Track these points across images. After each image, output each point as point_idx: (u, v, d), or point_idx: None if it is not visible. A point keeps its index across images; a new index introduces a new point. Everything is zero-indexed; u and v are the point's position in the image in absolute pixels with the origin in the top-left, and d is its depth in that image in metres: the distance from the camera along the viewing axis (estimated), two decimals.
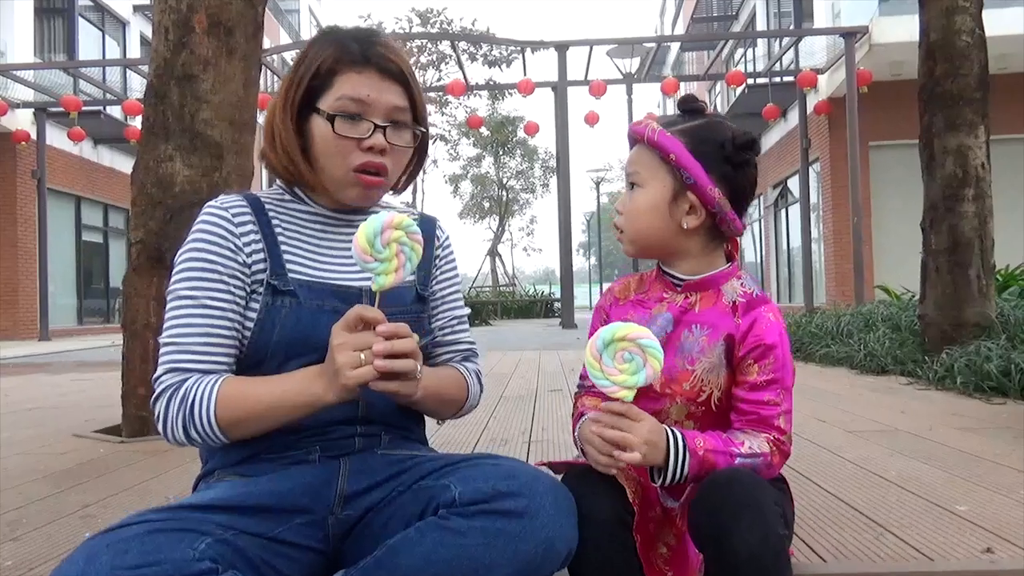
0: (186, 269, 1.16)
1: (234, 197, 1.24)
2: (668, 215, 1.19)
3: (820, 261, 17.37)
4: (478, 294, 22.55)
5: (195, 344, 1.12)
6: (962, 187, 4.41)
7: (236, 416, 1.09)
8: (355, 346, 1.01)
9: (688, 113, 1.23)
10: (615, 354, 1.07)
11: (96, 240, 18.47)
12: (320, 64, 1.18)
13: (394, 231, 1.06)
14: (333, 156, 1.18)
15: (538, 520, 1.01)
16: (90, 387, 5.00)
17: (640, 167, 1.21)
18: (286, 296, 1.18)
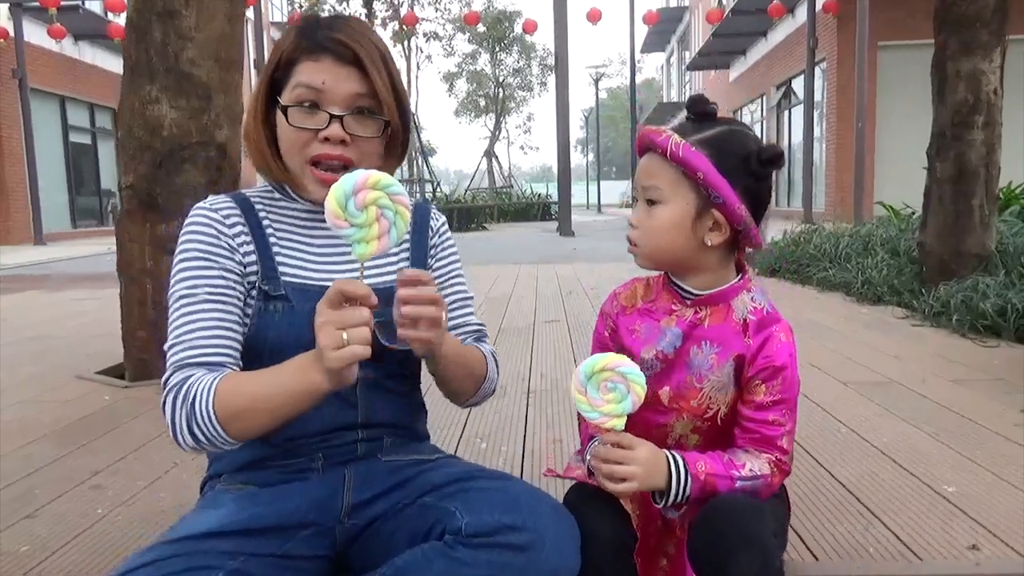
0: (182, 270, 1.14)
1: (222, 198, 1.21)
2: (691, 233, 1.14)
3: (821, 165, 17.16)
4: (474, 197, 22.33)
5: (198, 338, 1.10)
6: (972, 114, 4.29)
7: (235, 409, 1.03)
8: (338, 324, 0.93)
9: (699, 117, 1.17)
10: (599, 385, 1.07)
11: (84, 141, 18.09)
12: (281, 55, 1.14)
13: (370, 192, 0.95)
14: (290, 149, 1.15)
15: (542, 554, 1.04)
16: (90, 310, 5.01)
17: (660, 182, 1.14)
18: (278, 300, 1.16)
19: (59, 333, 4.12)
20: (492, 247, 11.54)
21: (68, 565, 1.42)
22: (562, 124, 12.91)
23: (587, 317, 4.25)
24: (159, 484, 1.83)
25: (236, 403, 1.03)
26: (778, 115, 20.45)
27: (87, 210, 18.41)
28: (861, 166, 13.00)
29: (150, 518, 1.62)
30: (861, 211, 12.35)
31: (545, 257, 9.07)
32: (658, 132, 1.14)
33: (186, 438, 1.05)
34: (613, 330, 1.27)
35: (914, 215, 6.54)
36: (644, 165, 1.18)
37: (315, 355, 0.98)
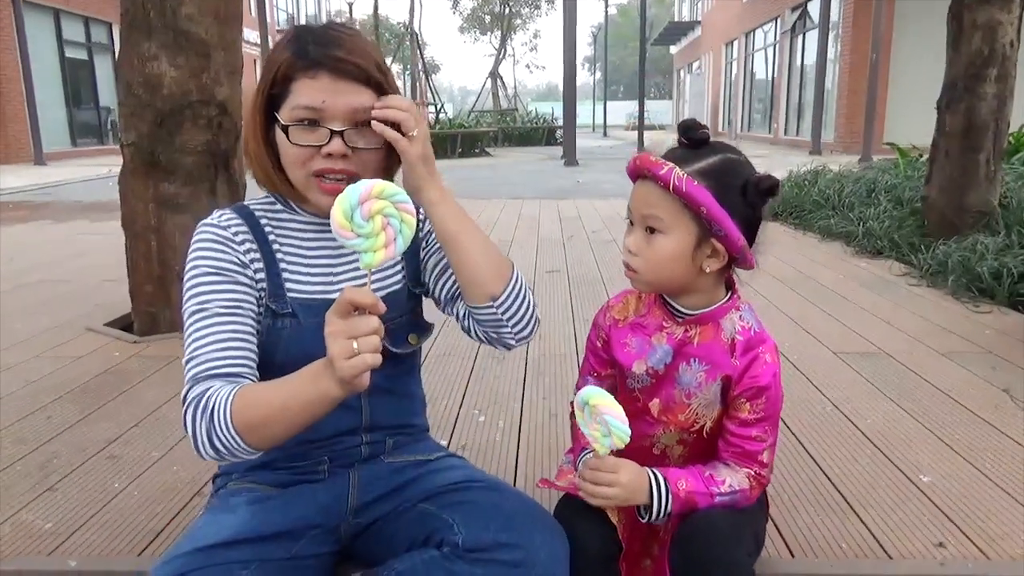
0: (194, 286, 1.16)
1: (229, 214, 1.23)
2: (691, 261, 1.17)
3: (833, 93, 16.81)
4: (478, 120, 21.97)
5: (213, 351, 1.12)
6: (986, 66, 4.21)
7: (253, 421, 1.05)
8: (348, 334, 0.93)
9: (693, 143, 1.18)
10: (590, 415, 1.12)
11: (80, 56, 17.73)
12: (276, 72, 1.14)
13: (376, 202, 0.96)
14: (294, 165, 1.17)
15: (534, 570, 1.11)
16: (94, 249, 5.06)
17: (662, 213, 1.15)
18: (285, 318, 1.20)
19: (65, 276, 4.18)
20: (495, 179, 11.47)
21: (88, 544, 1.52)
22: (569, 46, 12.59)
23: (587, 267, 4.30)
24: (172, 455, 1.92)
25: (253, 415, 1.05)
26: (791, 39, 19.87)
27: (87, 127, 18.21)
28: (873, 100, 12.74)
29: (165, 495, 1.71)
30: (870, 147, 12.18)
31: (548, 192, 9.04)
32: (659, 164, 1.15)
33: (208, 450, 1.07)
34: (605, 341, 1.32)
35: (921, 158, 6.48)
36: (643, 194, 1.18)
37: (326, 363, 0.98)
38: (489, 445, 1.96)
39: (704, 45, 31.24)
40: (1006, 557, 1.43)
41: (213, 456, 1.09)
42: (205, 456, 1.09)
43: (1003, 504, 1.62)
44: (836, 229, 5.11)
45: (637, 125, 19.48)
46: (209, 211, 3.04)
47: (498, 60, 26.18)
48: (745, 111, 25.35)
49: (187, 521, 1.60)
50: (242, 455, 1.08)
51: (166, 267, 2.94)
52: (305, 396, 1.02)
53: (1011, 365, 2.52)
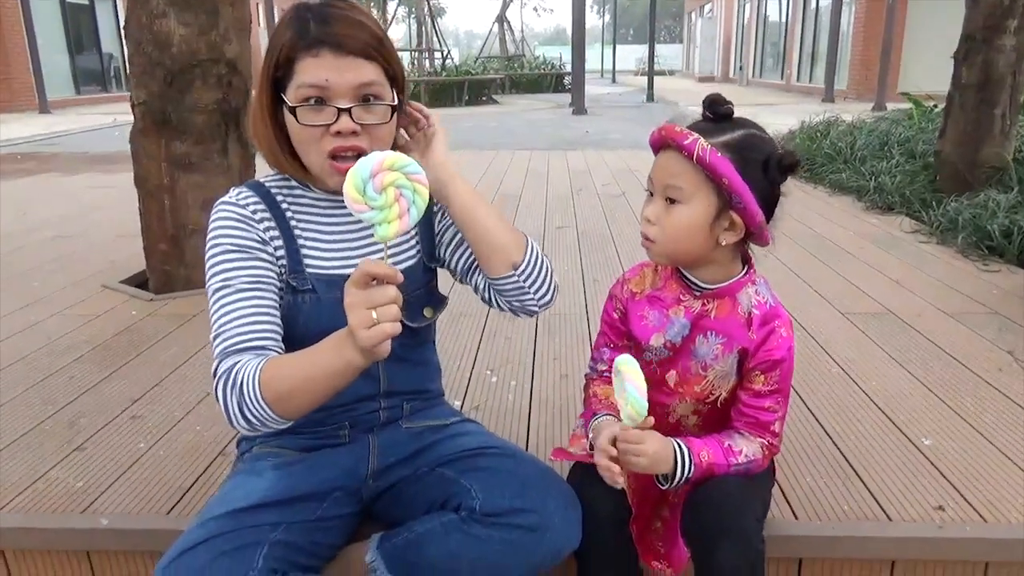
0: (216, 263, 1.19)
1: (246, 192, 1.25)
2: (708, 232, 1.19)
3: (847, 39, 16.43)
4: (485, 66, 21.62)
5: (239, 326, 1.15)
6: (1006, 17, 4.14)
7: (280, 391, 1.08)
8: (367, 304, 0.95)
9: (718, 118, 1.19)
10: (620, 382, 1.15)
11: (82, 1, 17.42)
12: (279, 53, 1.15)
13: (388, 173, 0.97)
14: (305, 145, 1.18)
15: (548, 534, 1.18)
16: (105, 203, 5.09)
17: (683, 183, 1.17)
18: (306, 293, 1.24)
19: (78, 232, 4.21)
20: (502, 129, 11.36)
21: (118, 502, 1.58)
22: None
23: (596, 223, 4.30)
24: (194, 415, 1.98)
25: (281, 386, 1.08)
26: None
27: (90, 74, 18.03)
28: (889, 45, 12.46)
29: (189, 454, 1.77)
30: (884, 95, 11.98)
31: (556, 142, 8.96)
32: (683, 135, 1.16)
33: (240, 422, 1.12)
34: (623, 314, 1.35)
35: (936, 108, 6.39)
36: (665, 163, 1.20)
37: (348, 333, 1.00)
38: (502, 406, 2.01)
39: None
40: (1004, 520, 1.48)
41: (245, 427, 1.13)
42: (238, 427, 1.14)
43: (1003, 468, 1.66)
44: (847, 183, 5.08)
45: (647, 70, 19.13)
46: (221, 170, 3.07)
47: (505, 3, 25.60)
48: (757, 56, 24.82)
49: (213, 480, 1.66)
50: (272, 425, 1.13)
51: (179, 226, 2.96)
52: (329, 366, 1.05)
53: (1017, 327, 2.54)
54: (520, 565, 1.18)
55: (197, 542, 1.12)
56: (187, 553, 1.10)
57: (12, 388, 2.15)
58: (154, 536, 1.49)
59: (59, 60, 16.40)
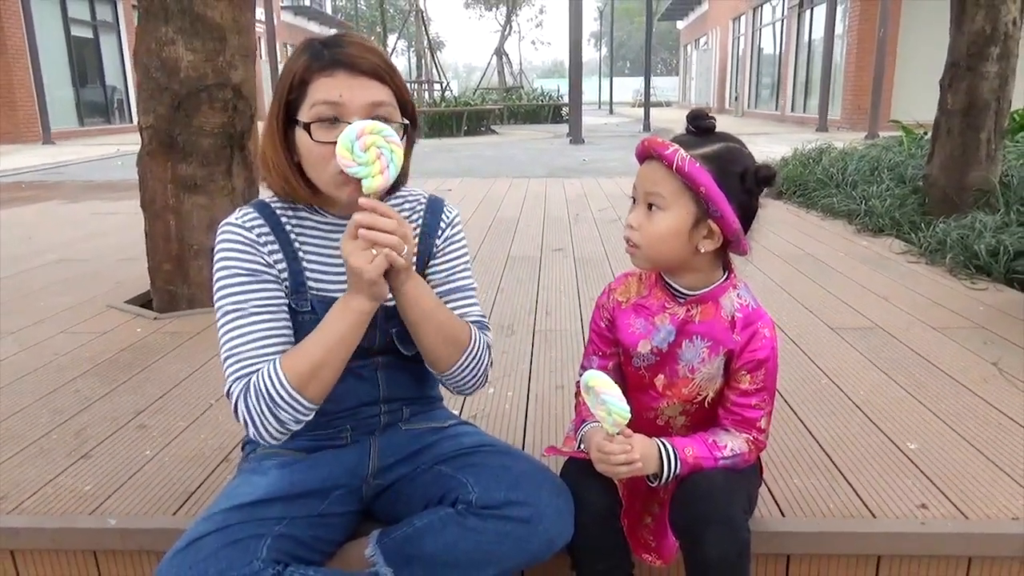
0: (225, 286, 1.24)
1: (251, 213, 1.28)
2: (687, 239, 1.25)
3: (840, 70, 16.71)
4: (484, 98, 21.92)
5: (252, 350, 1.21)
6: (988, 45, 4.25)
7: (307, 373, 1.16)
8: (363, 246, 1.10)
9: (700, 131, 1.26)
10: (595, 397, 1.20)
11: (86, 35, 17.74)
12: (293, 77, 1.20)
13: (369, 136, 1.12)
14: (318, 164, 1.21)
15: (541, 525, 1.22)
16: (110, 229, 5.16)
17: (663, 190, 1.23)
18: (305, 314, 1.29)
19: (84, 256, 4.28)
20: (501, 157, 11.50)
21: (128, 505, 1.63)
22: (575, 23, 12.55)
23: (592, 246, 4.38)
24: (198, 425, 2.03)
25: (304, 368, 1.17)
26: (799, 14, 19.72)
27: (94, 107, 18.26)
28: (880, 76, 12.69)
29: (194, 460, 1.82)
30: (876, 124, 12.16)
31: (554, 170, 9.09)
32: (665, 145, 1.23)
33: (270, 428, 1.19)
34: (610, 322, 1.41)
35: (925, 135, 6.52)
36: (648, 173, 1.27)
37: (346, 296, 1.16)
38: (499, 414, 2.06)
39: (711, 20, 30.96)
40: (984, 517, 1.53)
41: (277, 432, 1.20)
42: (268, 437, 1.20)
43: (985, 469, 1.71)
44: (839, 207, 5.17)
45: (644, 102, 19.40)
46: (226, 192, 3.14)
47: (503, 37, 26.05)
48: (752, 87, 25.19)
49: (217, 484, 1.71)
50: (303, 415, 1.20)
51: (184, 246, 3.03)
52: (342, 327, 1.17)
53: (1003, 340, 2.60)
54: (514, 556, 1.23)
55: (205, 533, 1.17)
56: (195, 543, 1.15)
57: (19, 401, 2.20)
58: (161, 536, 1.53)
59: (63, 92, 16.63)
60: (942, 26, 5.23)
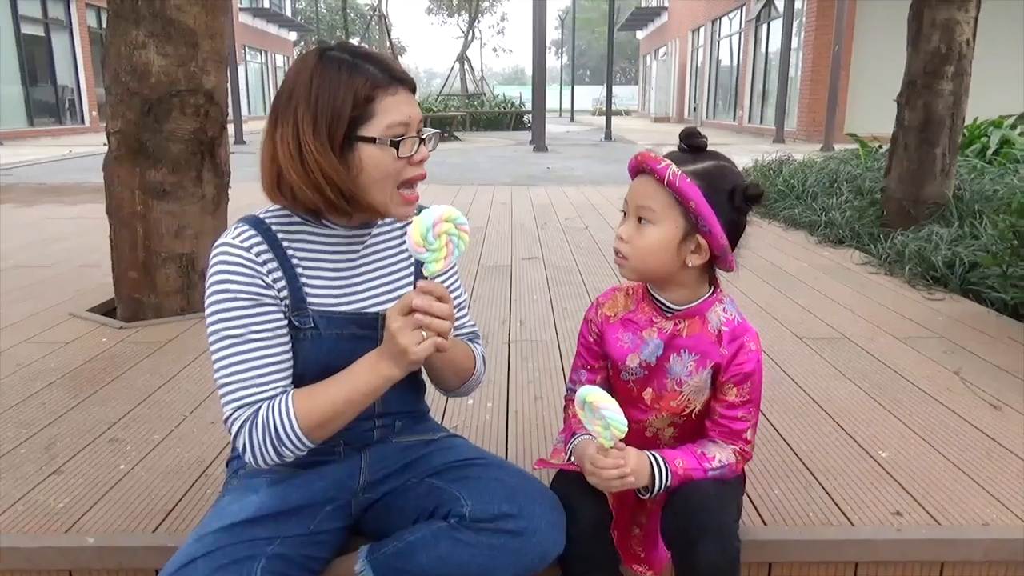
0: (224, 309, 1.20)
1: (247, 232, 1.24)
2: (675, 253, 1.27)
3: (796, 83, 17.12)
4: (446, 105, 21.90)
5: (253, 378, 1.20)
6: (944, 64, 4.41)
7: (319, 421, 1.19)
8: (413, 326, 1.12)
9: (692, 149, 1.29)
10: (592, 411, 1.21)
11: (37, 33, 17.25)
12: (356, 94, 1.18)
13: (444, 224, 1.14)
14: (387, 179, 1.22)
15: (535, 538, 1.23)
16: (68, 234, 5.02)
17: (654, 204, 1.25)
18: (307, 331, 1.27)
19: (42, 262, 4.16)
20: (465, 164, 11.51)
21: (105, 522, 1.59)
22: (538, 32, 12.63)
23: (562, 255, 4.41)
24: (173, 438, 1.99)
25: (319, 416, 1.19)
26: (756, 27, 20.15)
27: (44, 106, 17.77)
28: (835, 89, 13.03)
29: (171, 475, 1.79)
30: (832, 136, 12.48)
31: (519, 178, 9.12)
32: (657, 160, 1.25)
33: (268, 459, 1.20)
34: (599, 336, 1.42)
35: (881, 149, 6.72)
36: (639, 187, 1.29)
37: (381, 354, 1.18)
38: (480, 426, 2.06)
39: (671, 31, 31.45)
40: (956, 523, 1.58)
41: (273, 462, 1.21)
42: (263, 464, 1.21)
43: (953, 477, 1.77)
44: (800, 219, 5.30)
45: (604, 110, 19.59)
46: (195, 198, 3.09)
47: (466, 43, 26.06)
48: (710, 98, 25.64)
49: (197, 499, 1.67)
50: (303, 453, 1.21)
51: (152, 253, 2.97)
52: (367, 385, 1.19)
53: (962, 349, 2.70)
54: (507, 569, 1.23)
55: (195, 556, 1.15)
56: (185, 568, 1.13)
57: None
58: (141, 553, 1.50)
59: (12, 91, 16.15)
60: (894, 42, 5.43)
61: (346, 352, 1.27)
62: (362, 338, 1.30)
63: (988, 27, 5.28)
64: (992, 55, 8.62)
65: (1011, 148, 6.18)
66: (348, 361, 1.28)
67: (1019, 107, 7.27)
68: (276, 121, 1.21)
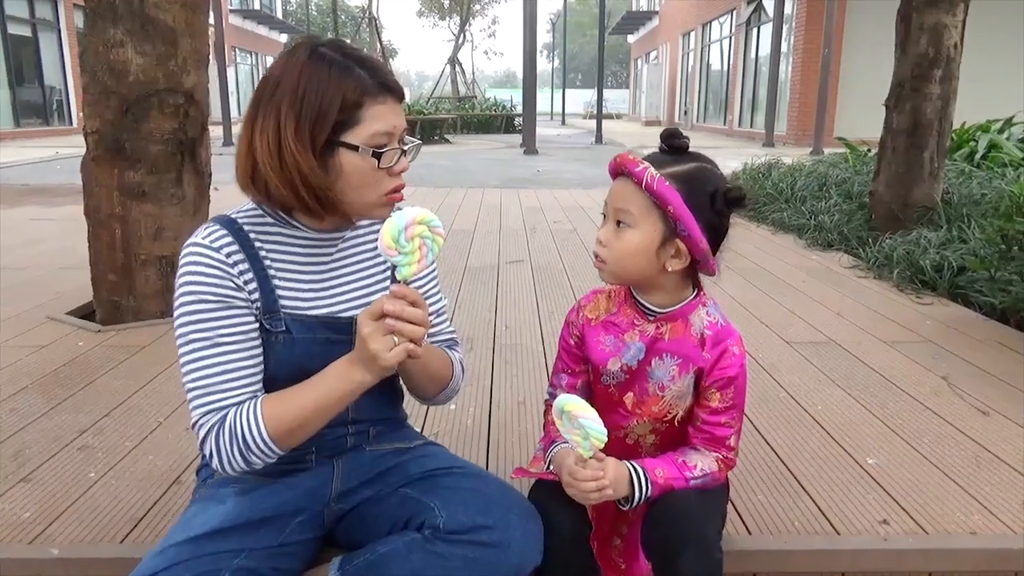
0: (192, 312, 1.16)
1: (218, 232, 1.20)
2: (654, 257, 1.23)
3: (786, 87, 17.16)
4: (437, 107, 21.86)
5: (221, 382, 1.16)
6: (932, 68, 4.40)
7: (288, 428, 1.15)
8: (384, 331, 1.07)
9: (673, 150, 1.25)
10: (570, 420, 1.17)
11: (24, 33, 17.12)
12: (343, 98, 1.14)
13: (417, 226, 1.11)
14: (369, 187, 1.19)
15: (510, 550, 1.19)
16: (49, 236, 4.96)
17: (632, 207, 1.22)
18: (279, 334, 1.23)
19: (22, 264, 4.09)
20: (455, 167, 11.47)
21: (71, 532, 1.54)
22: (529, 34, 12.62)
23: (550, 257, 4.38)
24: (147, 444, 1.94)
25: (289, 423, 1.15)
26: (747, 31, 20.20)
27: (31, 107, 17.64)
28: (824, 93, 13.07)
29: (143, 483, 1.74)
30: (821, 140, 12.51)
31: (509, 181, 9.09)
32: (635, 162, 1.21)
33: (236, 466, 1.16)
34: (579, 339, 1.39)
35: (869, 153, 6.72)
36: (618, 189, 1.25)
37: (352, 359, 1.13)
38: (461, 431, 2.02)
39: (661, 35, 31.52)
40: (943, 532, 1.55)
41: (241, 469, 1.17)
42: (231, 471, 1.17)
43: (941, 484, 1.75)
44: (789, 222, 5.28)
45: (595, 114, 19.60)
46: (175, 200, 3.04)
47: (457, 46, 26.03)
48: (701, 102, 25.69)
49: (168, 508, 1.63)
50: (272, 460, 1.18)
51: (131, 255, 2.92)
52: (339, 391, 1.15)
53: (950, 354, 2.68)
54: None
55: (156, 570, 1.10)
56: None
57: None
58: (107, 565, 1.46)
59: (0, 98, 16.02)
60: (883, 47, 5.43)
61: (319, 356, 1.24)
62: (336, 343, 1.26)
63: (976, 31, 5.29)
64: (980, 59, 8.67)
65: (999, 152, 6.19)
66: (321, 365, 1.24)
67: (1007, 111, 7.29)
68: (257, 112, 1.17)
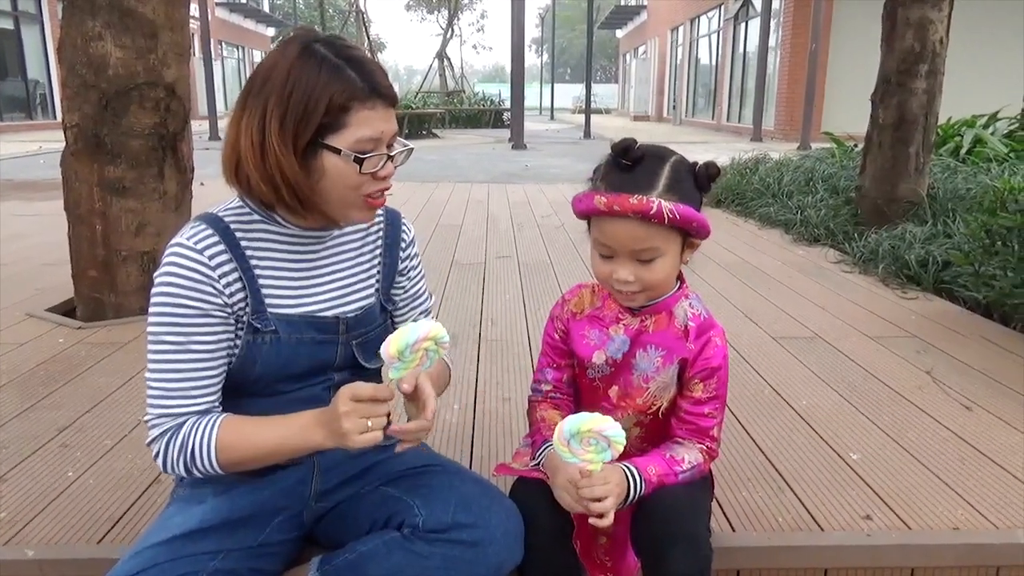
0: (168, 313, 1.14)
1: (204, 232, 1.17)
2: (679, 263, 1.28)
3: (773, 82, 17.21)
4: (425, 102, 21.77)
5: (185, 389, 1.15)
6: (917, 62, 4.41)
7: (237, 459, 1.16)
8: (362, 414, 1.07)
9: (633, 162, 1.20)
10: (581, 441, 1.14)
11: (6, 26, 16.91)
12: (330, 101, 1.11)
13: (425, 342, 1.10)
14: (347, 191, 1.17)
15: (491, 548, 1.18)
16: (30, 231, 4.90)
17: (657, 243, 1.20)
18: (267, 334, 1.21)
19: (3, 260, 4.04)
20: (443, 161, 11.43)
21: (47, 533, 1.52)
22: (517, 29, 12.58)
23: (537, 253, 4.37)
24: (126, 443, 1.91)
25: (238, 454, 1.15)
26: (735, 26, 20.23)
27: (14, 101, 17.45)
28: (812, 88, 13.10)
29: (121, 483, 1.71)
30: (808, 135, 12.55)
31: (497, 176, 9.06)
32: (645, 204, 1.16)
33: (179, 471, 1.16)
34: (564, 334, 1.38)
35: (856, 148, 6.74)
36: (627, 232, 1.19)
37: (318, 420, 1.12)
38: (446, 427, 2.01)
39: (650, 30, 31.50)
40: (926, 527, 1.55)
41: (181, 475, 1.18)
42: (170, 474, 1.19)
43: (924, 479, 1.75)
44: (776, 217, 5.29)
45: (584, 108, 19.58)
46: (157, 195, 3.00)
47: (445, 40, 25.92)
48: (689, 97, 25.71)
49: (146, 508, 1.61)
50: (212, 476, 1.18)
51: (112, 251, 2.88)
52: (294, 444, 1.15)
53: (934, 349, 2.68)
54: None
55: (131, 573, 1.09)
56: None
57: None
58: (83, 567, 1.44)
59: None
60: (870, 42, 5.43)
61: (305, 356, 1.25)
62: (322, 342, 1.26)
63: (961, 26, 5.31)
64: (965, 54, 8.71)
65: (984, 147, 6.22)
66: (306, 365, 1.25)
67: (992, 107, 7.33)
68: (245, 107, 1.15)
